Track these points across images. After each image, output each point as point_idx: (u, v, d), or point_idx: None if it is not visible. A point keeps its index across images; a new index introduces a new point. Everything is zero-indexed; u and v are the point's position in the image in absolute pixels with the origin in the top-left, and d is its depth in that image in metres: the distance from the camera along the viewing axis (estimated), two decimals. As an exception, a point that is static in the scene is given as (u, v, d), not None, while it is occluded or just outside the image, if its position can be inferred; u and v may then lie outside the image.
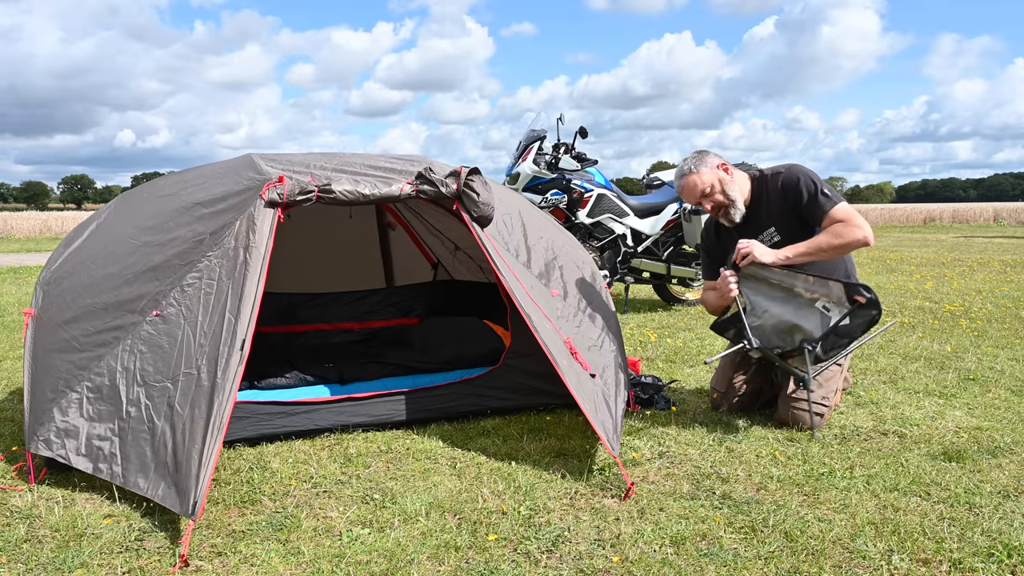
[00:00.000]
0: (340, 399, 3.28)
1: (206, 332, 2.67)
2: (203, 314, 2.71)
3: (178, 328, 2.72)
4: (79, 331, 2.88)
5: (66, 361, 2.84)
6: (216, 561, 2.17)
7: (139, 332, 2.76)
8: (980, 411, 3.56)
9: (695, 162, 3.40)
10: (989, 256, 12.94)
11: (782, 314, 3.18)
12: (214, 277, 2.78)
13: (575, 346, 3.00)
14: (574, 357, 2.95)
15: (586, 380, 2.92)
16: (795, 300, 3.17)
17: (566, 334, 3.03)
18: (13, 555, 2.21)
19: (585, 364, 2.97)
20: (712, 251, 3.61)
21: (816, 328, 3.13)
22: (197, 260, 2.83)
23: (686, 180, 3.40)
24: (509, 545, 2.26)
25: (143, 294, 2.84)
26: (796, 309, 3.16)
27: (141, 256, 2.95)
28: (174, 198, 3.17)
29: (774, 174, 3.39)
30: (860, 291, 3.06)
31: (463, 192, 3.14)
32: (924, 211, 34.54)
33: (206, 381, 2.55)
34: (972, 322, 6.00)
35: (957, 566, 2.11)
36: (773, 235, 3.37)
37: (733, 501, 2.54)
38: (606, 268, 6.61)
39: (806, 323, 3.14)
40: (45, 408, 2.79)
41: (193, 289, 2.78)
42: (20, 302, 7.66)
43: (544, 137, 6.62)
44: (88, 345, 2.83)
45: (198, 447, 2.39)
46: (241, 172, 3.09)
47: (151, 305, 2.80)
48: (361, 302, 5.09)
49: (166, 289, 2.81)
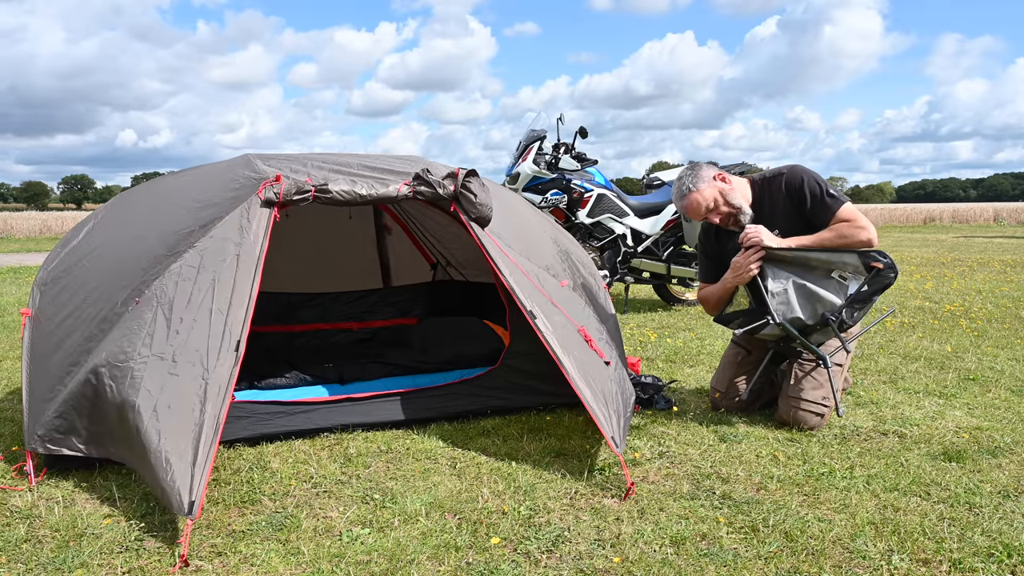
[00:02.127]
0: (340, 399, 3.28)
1: (182, 318, 2.62)
2: (180, 299, 2.67)
3: (149, 310, 2.68)
4: (74, 330, 2.87)
5: (63, 359, 2.83)
6: (216, 561, 2.17)
7: (121, 323, 2.75)
8: (980, 411, 3.56)
9: (692, 180, 3.34)
10: (989, 256, 12.95)
11: (803, 284, 3.18)
12: (194, 264, 2.75)
13: (590, 334, 2.99)
14: (589, 344, 2.93)
15: (597, 372, 2.90)
16: (812, 272, 3.17)
17: (580, 322, 3.01)
18: (13, 555, 2.21)
19: (600, 352, 2.96)
20: (710, 254, 3.58)
21: (836, 298, 3.13)
22: (183, 250, 2.82)
23: (688, 200, 3.35)
24: (509, 545, 2.26)
25: (130, 288, 2.83)
26: (815, 280, 3.16)
27: (137, 255, 2.94)
28: (171, 198, 3.17)
29: (776, 176, 3.37)
30: (876, 257, 3.07)
31: (461, 193, 3.14)
32: (924, 211, 34.54)
33: (185, 372, 2.49)
34: (972, 322, 6.00)
35: (957, 566, 2.11)
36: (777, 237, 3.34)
37: (733, 501, 2.54)
38: (606, 268, 6.61)
39: (826, 293, 3.14)
40: (44, 407, 2.79)
41: (171, 275, 2.75)
42: (20, 302, 7.65)
43: (544, 137, 6.62)
44: (81, 341, 2.82)
45: (192, 446, 2.35)
46: (238, 171, 3.09)
47: (134, 295, 2.79)
48: (360, 302, 5.09)
49: (149, 279, 2.80)
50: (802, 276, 3.18)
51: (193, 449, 2.36)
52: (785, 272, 3.20)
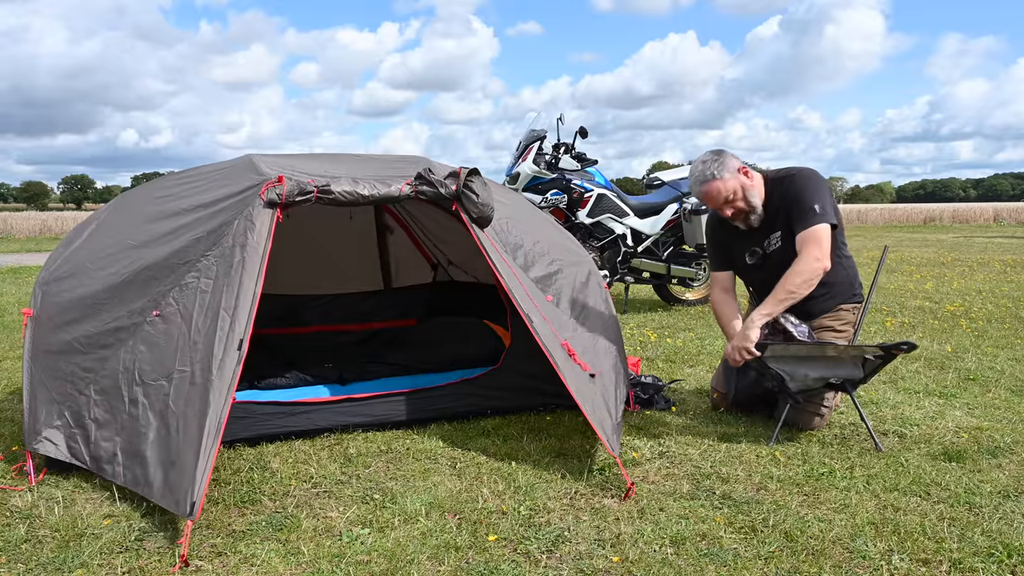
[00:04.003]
0: (340, 399, 3.28)
1: (200, 330, 2.66)
2: (198, 312, 2.71)
3: (174, 326, 2.72)
4: (80, 332, 2.88)
5: (70, 363, 2.85)
6: (216, 561, 2.17)
7: (139, 333, 2.77)
8: (980, 411, 3.56)
9: (717, 167, 3.21)
10: (989, 256, 12.94)
11: (821, 372, 3.09)
12: (211, 276, 2.78)
13: (573, 348, 3.00)
14: (572, 358, 2.95)
15: (585, 380, 2.92)
16: (828, 359, 3.07)
17: (563, 336, 3.03)
18: (13, 555, 2.21)
19: (584, 365, 2.97)
20: (718, 243, 3.52)
21: (855, 373, 3.08)
22: (196, 260, 2.84)
23: (709, 187, 3.22)
24: (509, 545, 2.26)
25: (144, 294, 2.85)
26: (832, 365, 3.07)
27: (140, 257, 2.95)
28: (173, 199, 3.17)
29: (786, 176, 3.28)
30: (901, 348, 2.97)
31: (462, 193, 3.14)
32: (924, 211, 34.52)
33: (199, 379, 2.55)
34: (972, 322, 6.00)
35: (957, 566, 2.11)
36: (776, 240, 3.28)
37: (733, 501, 2.54)
38: (606, 268, 6.61)
39: (844, 372, 3.08)
40: (48, 409, 2.80)
41: (191, 288, 2.78)
42: (20, 302, 7.65)
43: (544, 137, 6.62)
44: (90, 347, 2.84)
45: (194, 447, 2.39)
46: (240, 173, 3.10)
47: (151, 305, 2.81)
48: (361, 303, 5.09)
49: (166, 289, 2.82)
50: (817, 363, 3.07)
51: (196, 450, 2.37)
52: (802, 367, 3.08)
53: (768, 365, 3.09)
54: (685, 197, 6.66)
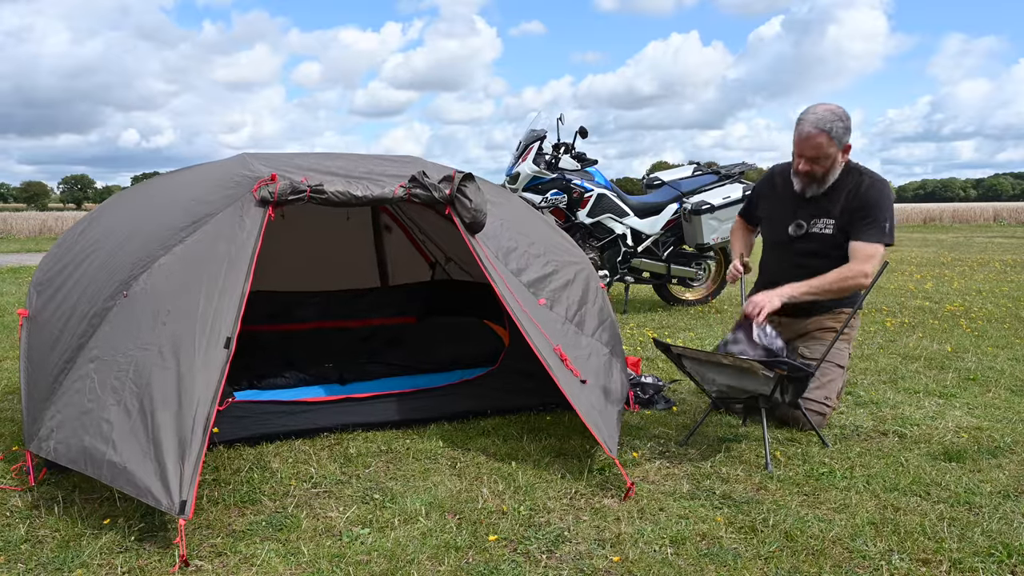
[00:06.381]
0: (340, 399, 3.28)
1: (169, 310, 2.59)
2: (167, 292, 2.65)
3: (137, 303, 2.67)
4: (67, 328, 2.86)
5: (57, 358, 2.82)
6: (216, 561, 2.17)
7: (110, 317, 2.72)
8: (980, 411, 3.56)
9: (840, 128, 3.16)
10: (989, 256, 12.94)
11: (728, 380, 3.05)
12: (184, 258, 2.74)
13: (565, 353, 2.98)
14: (564, 364, 2.93)
15: (579, 385, 2.91)
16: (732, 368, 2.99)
17: (555, 342, 3.00)
18: (13, 555, 2.21)
19: (575, 371, 2.93)
20: (762, 193, 3.63)
21: (763, 388, 2.94)
22: (173, 245, 2.81)
23: (819, 137, 3.16)
24: (509, 545, 2.26)
25: (121, 283, 2.81)
26: (737, 375, 3.00)
27: (127, 252, 2.93)
28: (167, 196, 3.17)
29: (863, 174, 3.30)
30: (779, 366, 2.88)
31: (455, 197, 3.13)
32: (924, 211, 34.51)
33: (171, 365, 2.46)
34: (972, 322, 6.00)
35: (957, 566, 2.11)
36: (825, 227, 3.31)
37: (733, 501, 2.54)
38: (606, 268, 6.61)
39: (752, 385, 2.98)
40: (41, 407, 2.79)
41: (160, 268, 2.74)
42: (20, 302, 7.65)
43: (544, 137, 6.62)
44: (73, 339, 2.79)
45: (180, 443, 2.29)
46: (233, 171, 3.08)
47: (122, 288, 2.77)
48: (358, 301, 5.09)
49: (137, 272, 2.77)
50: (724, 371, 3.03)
51: (181, 447, 2.29)
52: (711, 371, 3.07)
53: (683, 365, 3.12)
54: (685, 197, 6.66)
